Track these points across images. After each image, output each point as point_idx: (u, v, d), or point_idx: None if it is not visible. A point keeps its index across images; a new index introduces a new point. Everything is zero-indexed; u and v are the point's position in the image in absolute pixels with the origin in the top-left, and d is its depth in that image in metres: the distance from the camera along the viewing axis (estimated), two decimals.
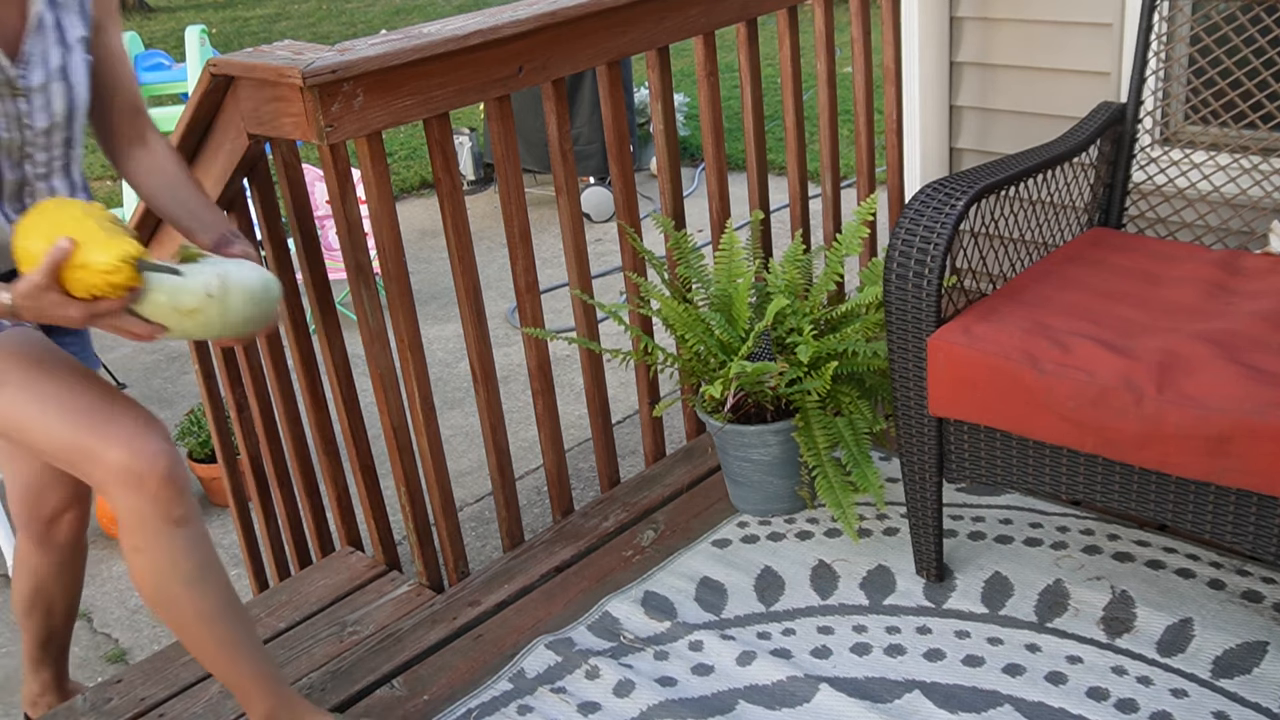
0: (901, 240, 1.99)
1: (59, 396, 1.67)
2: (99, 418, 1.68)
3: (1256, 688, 1.92)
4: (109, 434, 1.67)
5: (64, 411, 1.67)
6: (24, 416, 1.66)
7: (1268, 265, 2.15)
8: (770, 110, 6.16)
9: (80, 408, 1.68)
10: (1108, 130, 2.45)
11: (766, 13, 2.68)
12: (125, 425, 1.69)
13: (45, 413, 1.66)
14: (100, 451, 1.67)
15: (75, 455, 1.68)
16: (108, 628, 3.14)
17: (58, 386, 1.68)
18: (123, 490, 1.69)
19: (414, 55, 2.01)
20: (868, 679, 2.02)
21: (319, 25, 11.29)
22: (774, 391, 2.36)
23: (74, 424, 1.67)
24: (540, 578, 2.40)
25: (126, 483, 1.68)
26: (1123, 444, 1.82)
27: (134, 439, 1.68)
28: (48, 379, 1.68)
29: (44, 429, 1.67)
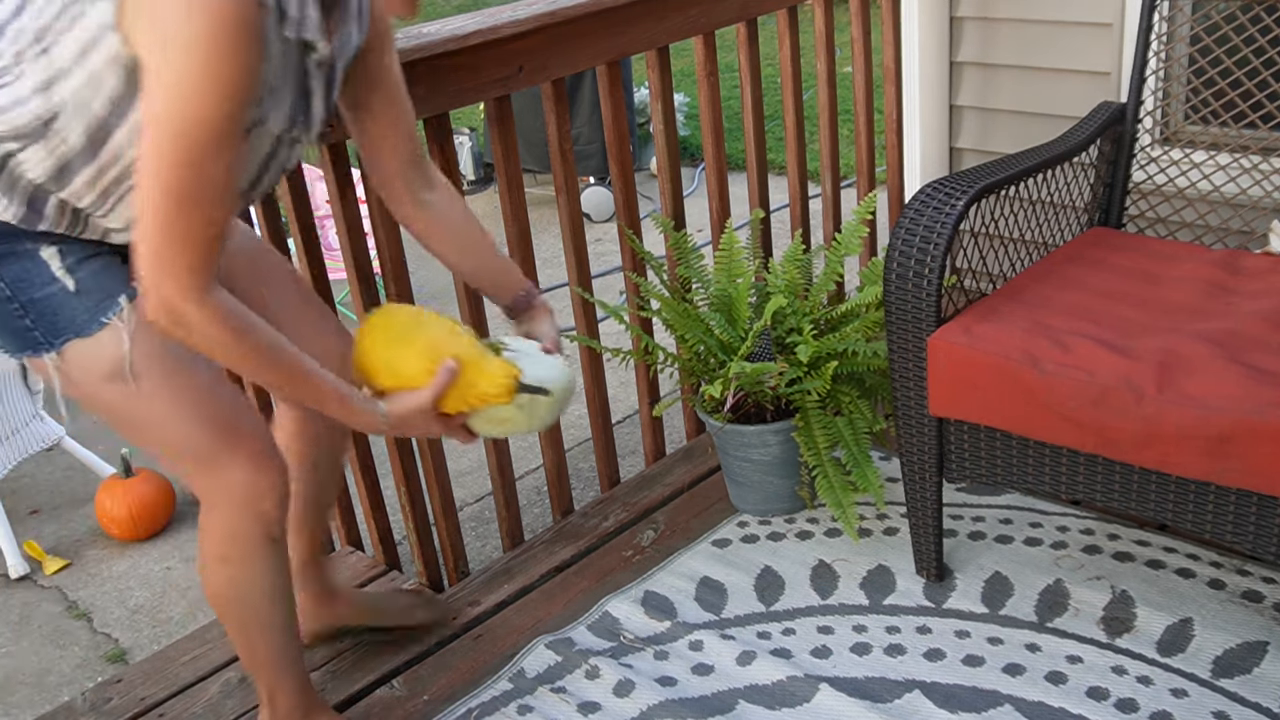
0: (901, 240, 1.99)
1: (195, 399, 1.64)
2: (229, 428, 1.67)
3: (1256, 688, 1.91)
4: (237, 447, 1.67)
5: (198, 416, 1.64)
6: (156, 413, 1.63)
7: (1268, 265, 2.15)
8: (770, 110, 6.15)
9: (213, 415, 1.66)
10: (1108, 130, 2.45)
11: (766, 13, 2.68)
12: (254, 441, 1.69)
13: (178, 414, 1.63)
14: (224, 463, 1.66)
15: (195, 459, 1.67)
16: (108, 628, 3.14)
17: (195, 390, 1.65)
18: (232, 504, 1.69)
19: (413, 55, 2.01)
20: (868, 679, 2.02)
21: None
22: (774, 391, 2.36)
23: (205, 430, 1.65)
24: (540, 578, 2.40)
25: (240, 498, 1.68)
26: (1123, 444, 1.82)
27: (259, 457, 1.68)
28: (186, 380, 1.64)
29: (174, 428, 1.64)
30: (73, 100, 1.42)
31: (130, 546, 3.52)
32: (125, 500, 3.49)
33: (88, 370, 1.59)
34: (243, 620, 1.80)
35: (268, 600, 1.80)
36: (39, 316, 1.55)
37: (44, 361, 1.59)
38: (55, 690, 2.92)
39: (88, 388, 1.62)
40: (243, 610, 1.79)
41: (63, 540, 3.59)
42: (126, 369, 1.58)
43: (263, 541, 1.73)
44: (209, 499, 1.71)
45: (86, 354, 1.58)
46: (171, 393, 1.63)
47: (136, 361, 1.58)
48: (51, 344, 1.57)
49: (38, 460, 3.92)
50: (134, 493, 3.50)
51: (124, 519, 3.49)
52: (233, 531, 1.71)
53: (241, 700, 2.13)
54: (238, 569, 1.74)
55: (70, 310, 1.56)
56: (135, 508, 3.49)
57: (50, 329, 1.56)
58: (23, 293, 1.54)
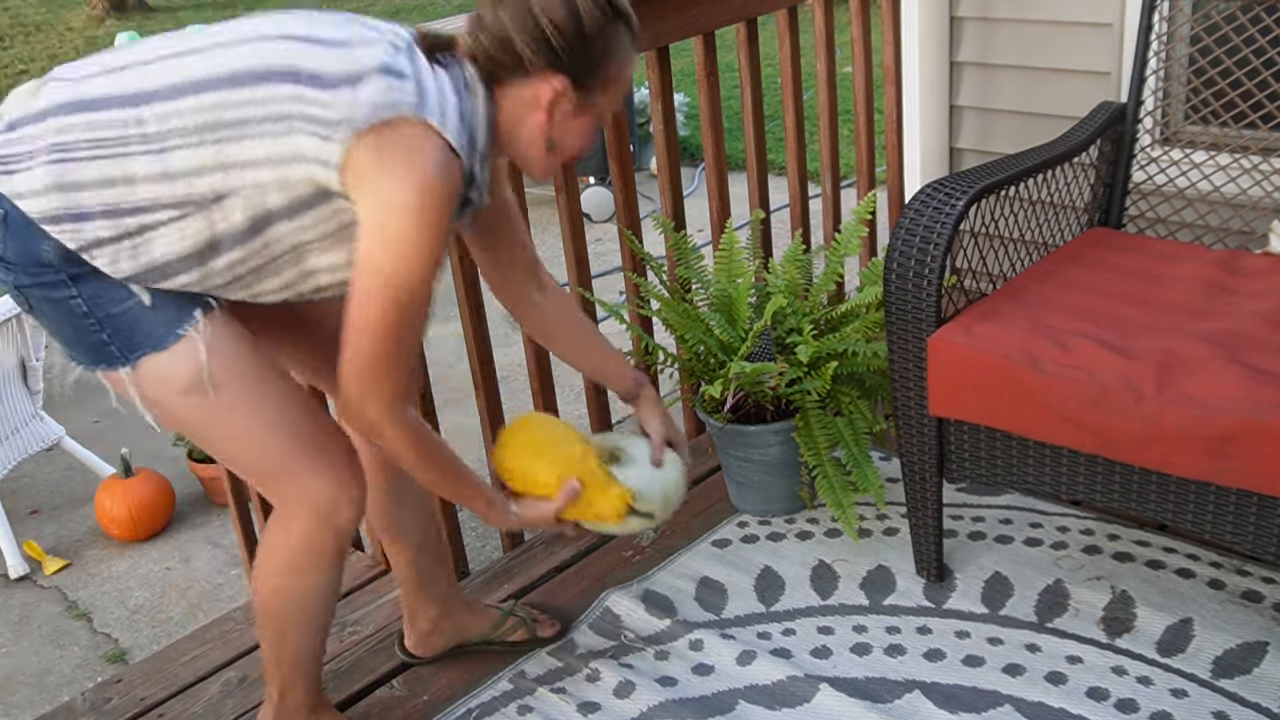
0: (901, 240, 1.99)
1: (277, 410, 1.66)
2: (311, 440, 1.68)
3: (1256, 688, 1.91)
4: (320, 461, 1.67)
5: (279, 427, 1.65)
6: (237, 424, 1.64)
7: (1268, 265, 2.15)
8: (770, 110, 6.15)
9: (295, 426, 1.67)
10: (1108, 130, 2.44)
11: (766, 13, 2.67)
12: (337, 455, 1.70)
13: (259, 424, 1.64)
14: (307, 477, 1.67)
15: (275, 473, 1.68)
16: (108, 628, 3.14)
17: (276, 401, 1.66)
18: (313, 518, 1.69)
19: None
20: (868, 679, 2.02)
21: None
22: (774, 391, 2.36)
23: (286, 441, 1.66)
24: (540, 578, 2.39)
25: (322, 512, 1.69)
26: (1123, 444, 1.82)
27: (343, 471, 1.69)
28: (266, 391, 1.65)
29: (254, 439, 1.65)
30: (252, 188, 1.50)
31: (130, 546, 3.52)
32: (125, 500, 3.49)
33: (164, 384, 1.60)
34: (291, 624, 1.80)
35: (323, 609, 1.81)
36: (115, 331, 1.56)
37: (119, 376, 1.59)
38: (55, 690, 2.92)
39: (164, 402, 1.62)
40: (298, 616, 1.80)
41: (63, 540, 3.59)
42: (206, 379, 1.59)
43: (336, 554, 1.75)
44: (286, 510, 1.71)
45: (162, 368, 1.58)
46: (251, 404, 1.64)
47: (215, 373, 1.60)
48: (127, 358, 1.57)
49: (38, 460, 3.92)
50: (134, 493, 3.50)
51: (124, 519, 3.49)
52: (309, 543, 1.71)
53: (241, 700, 2.13)
54: (310, 579, 1.75)
55: (147, 325, 1.56)
56: (135, 508, 3.49)
57: (126, 344, 1.57)
58: (99, 308, 1.54)
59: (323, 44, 1.51)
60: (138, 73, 1.51)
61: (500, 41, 1.56)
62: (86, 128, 1.49)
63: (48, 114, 1.51)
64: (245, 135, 1.48)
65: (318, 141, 1.46)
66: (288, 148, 1.47)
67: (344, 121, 1.46)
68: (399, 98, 1.47)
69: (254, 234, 1.53)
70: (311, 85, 1.47)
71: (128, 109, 1.49)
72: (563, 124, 1.62)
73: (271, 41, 1.51)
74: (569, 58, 1.56)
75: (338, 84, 1.47)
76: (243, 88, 1.48)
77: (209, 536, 3.54)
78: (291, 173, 1.49)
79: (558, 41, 1.55)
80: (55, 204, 1.49)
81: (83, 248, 1.51)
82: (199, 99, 1.48)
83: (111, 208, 1.49)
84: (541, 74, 1.57)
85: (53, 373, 4.52)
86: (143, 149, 1.48)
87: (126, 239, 1.51)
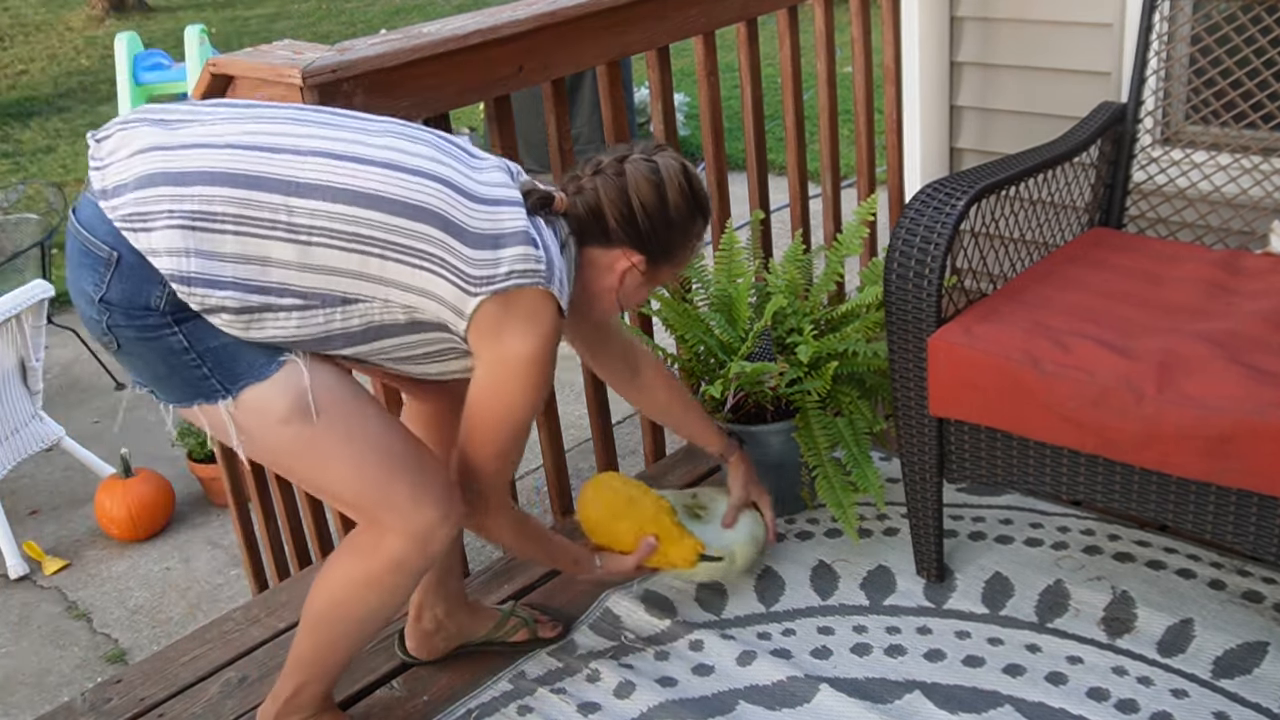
0: (902, 240, 1.99)
1: (375, 439, 1.68)
2: (410, 470, 1.70)
3: (1257, 688, 1.91)
4: (419, 489, 1.69)
5: (378, 456, 1.67)
6: (334, 454, 1.65)
7: (1268, 265, 2.15)
8: (770, 110, 6.14)
9: (394, 455, 1.69)
10: (1108, 130, 2.44)
11: (766, 13, 2.67)
12: (437, 483, 1.72)
13: (357, 454, 1.66)
14: (407, 505, 1.68)
15: (374, 501, 1.69)
16: (108, 628, 3.14)
17: (374, 429, 1.68)
18: (410, 544, 1.71)
19: (413, 55, 2.01)
20: (868, 679, 2.02)
21: (318, 25, 11.28)
22: (774, 392, 2.36)
23: (386, 471, 1.68)
24: (540, 578, 2.39)
25: (419, 540, 1.71)
26: (1123, 444, 1.82)
27: (443, 499, 1.72)
28: (364, 419, 1.68)
29: (352, 470, 1.66)
30: (381, 303, 1.59)
31: (130, 546, 3.52)
32: (125, 500, 3.49)
33: (264, 414, 1.61)
34: (342, 634, 1.81)
35: (380, 625, 1.83)
36: (216, 365, 1.57)
37: (218, 409, 1.60)
38: (55, 690, 2.92)
39: (262, 432, 1.63)
40: (357, 629, 1.81)
41: (62, 540, 3.59)
42: (310, 403, 1.61)
43: (417, 577, 1.77)
44: (384, 532, 1.71)
45: (264, 397, 1.60)
46: (350, 431, 1.66)
47: (318, 399, 1.62)
48: (228, 390, 1.59)
49: (38, 460, 3.92)
50: (134, 493, 3.50)
51: (124, 519, 3.49)
52: (398, 564, 1.72)
53: (241, 700, 2.13)
54: (383, 597, 1.76)
55: (248, 356, 1.58)
56: (135, 508, 3.49)
57: (228, 376, 1.58)
58: (199, 342, 1.56)
59: (471, 199, 1.61)
60: (289, 162, 1.55)
61: (592, 210, 1.75)
62: (239, 204, 1.52)
63: (192, 179, 1.53)
64: (389, 256, 1.56)
65: (457, 291, 1.58)
66: (427, 284, 1.58)
67: (485, 280, 1.58)
68: (535, 268, 1.61)
69: (365, 340, 1.63)
70: (459, 238, 1.58)
71: (277, 195, 1.53)
72: (629, 291, 1.82)
73: (425, 179, 1.59)
74: (650, 239, 1.77)
75: (483, 243, 1.59)
76: (395, 215, 1.56)
77: (209, 536, 3.54)
78: (423, 305, 1.60)
79: (644, 224, 1.75)
80: (194, 267, 1.52)
81: (207, 310, 1.54)
82: (351, 209, 1.54)
83: (243, 282, 1.54)
84: (622, 247, 1.76)
85: (52, 373, 4.52)
86: (288, 236, 1.53)
87: (247, 313, 1.55)
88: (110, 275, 1.53)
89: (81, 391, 4.46)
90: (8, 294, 3.41)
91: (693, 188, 1.78)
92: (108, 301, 1.54)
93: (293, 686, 1.87)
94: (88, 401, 4.37)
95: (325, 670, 1.87)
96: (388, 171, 1.57)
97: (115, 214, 1.52)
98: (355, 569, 1.75)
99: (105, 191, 1.54)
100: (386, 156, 1.59)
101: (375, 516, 1.71)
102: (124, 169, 1.55)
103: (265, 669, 2.19)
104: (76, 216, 1.57)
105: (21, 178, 7.05)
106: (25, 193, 5.45)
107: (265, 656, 2.24)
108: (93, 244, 1.53)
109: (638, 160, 1.77)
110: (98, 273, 1.54)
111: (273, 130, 1.59)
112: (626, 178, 1.75)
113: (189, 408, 1.62)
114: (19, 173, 7.26)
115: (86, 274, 1.55)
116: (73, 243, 1.57)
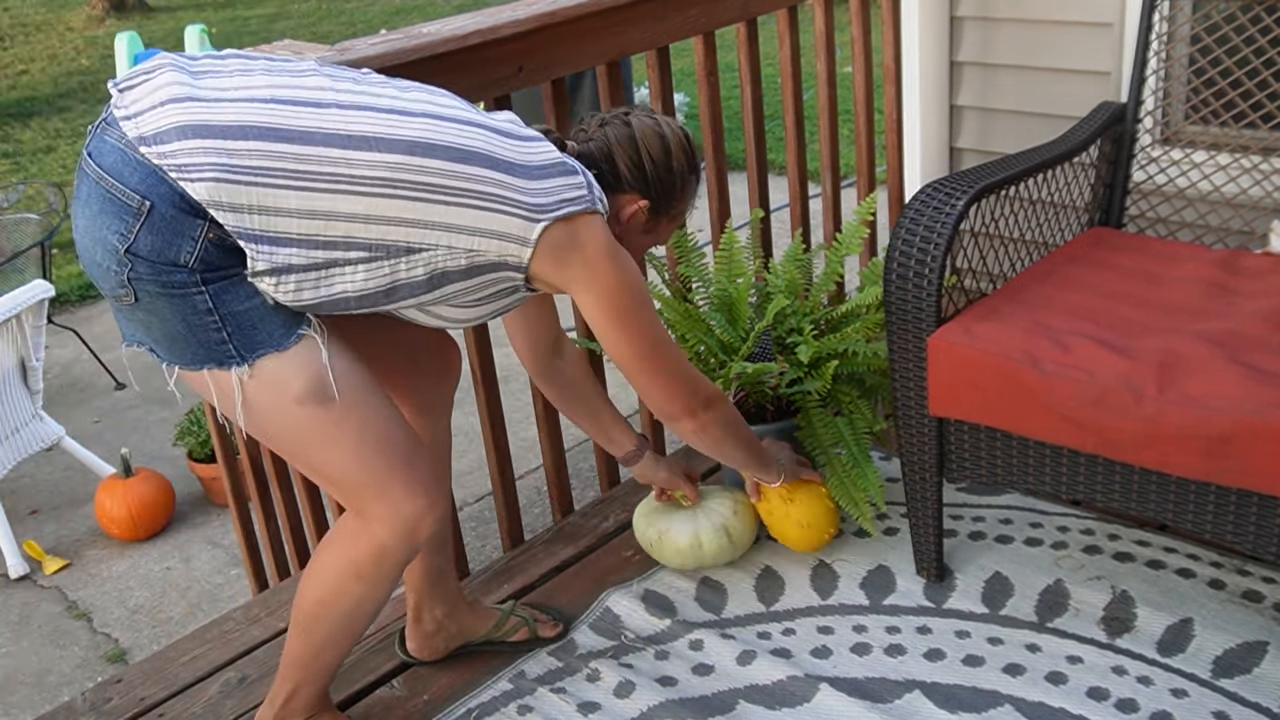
0: (902, 240, 1.99)
1: (383, 424, 1.68)
2: (406, 459, 1.70)
3: (1256, 688, 1.91)
4: (412, 478, 1.70)
5: (380, 443, 1.67)
6: (345, 435, 1.65)
7: (1268, 265, 2.15)
8: (770, 110, 6.14)
9: (396, 441, 1.69)
10: (1108, 130, 2.44)
11: (766, 13, 2.67)
12: (427, 473, 1.72)
13: (362, 440, 1.66)
14: (399, 493, 1.69)
15: (367, 486, 1.69)
16: (108, 628, 3.14)
17: (382, 416, 1.69)
18: (394, 533, 1.71)
19: (413, 55, 2.01)
20: (868, 679, 2.02)
21: (318, 25, 11.28)
22: (774, 391, 2.36)
23: (385, 458, 1.68)
24: (540, 578, 2.39)
25: (404, 528, 1.71)
26: (1123, 444, 1.82)
27: (431, 492, 1.72)
28: (375, 404, 1.68)
29: (354, 454, 1.66)
30: (445, 249, 1.60)
31: (130, 546, 3.52)
32: (125, 500, 3.49)
33: (280, 390, 1.61)
34: (332, 630, 1.81)
35: (366, 621, 1.83)
36: (237, 329, 1.56)
37: (229, 375, 1.59)
38: (55, 690, 2.92)
39: (274, 408, 1.63)
40: (342, 623, 1.81)
41: (63, 540, 3.59)
42: (330, 381, 1.61)
43: (400, 569, 1.77)
44: (368, 520, 1.72)
45: (281, 371, 1.60)
46: (362, 416, 1.66)
47: (331, 383, 1.62)
48: (245, 358, 1.58)
49: (38, 460, 3.92)
50: (134, 493, 3.50)
51: (124, 519, 3.49)
52: (382, 554, 1.73)
53: (241, 700, 2.13)
54: (368, 588, 1.76)
55: (270, 324, 1.58)
56: (135, 508, 3.49)
57: (247, 343, 1.57)
58: (223, 305, 1.55)
59: (509, 136, 1.66)
60: (338, 116, 1.56)
61: (605, 155, 1.81)
62: (294, 159, 1.51)
63: (241, 134, 1.51)
64: (451, 201, 1.58)
65: (522, 223, 1.62)
66: (491, 223, 1.60)
67: (543, 208, 1.63)
68: (582, 194, 1.68)
69: (429, 289, 1.64)
70: (509, 173, 1.62)
71: (335, 149, 1.53)
72: (631, 238, 1.86)
73: (465, 125, 1.62)
74: (655, 186, 1.84)
75: (532, 174, 1.64)
76: (450, 161, 1.58)
77: (209, 536, 3.54)
78: (486, 245, 1.62)
79: (651, 171, 1.83)
80: (258, 225, 1.51)
81: (275, 269, 1.54)
82: (409, 159, 1.56)
83: (309, 239, 1.54)
84: (631, 192, 1.83)
85: (52, 373, 4.53)
86: (349, 189, 1.53)
87: (314, 270, 1.56)
88: (140, 226, 1.49)
89: (81, 391, 4.46)
90: (8, 294, 3.41)
91: (689, 146, 1.88)
92: (134, 253, 1.50)
93: (288, 689, 1.87)
94: (88, 401, 4.37)
95: (318, 670, 1.86)
96: (430, 120, 1.59)
97: (166, 160, 1.48)
98: (340, 560, 1.76)
99: (144, 139, 1.49)
100: (423, 108, 1.61)
101: (366, 503, 1.71)
102: (159, 116, 1.51)
103: (265, 669, 2.19)
104: (98, 163, 1.52)
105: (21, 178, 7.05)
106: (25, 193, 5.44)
107: (265, 656, 2.24)
108: (120, 191, 1.49)
109: (641, 115, 1.86)
110: (124, 221, 1.49)
111: (311, 85, 1.58)
112: (634, 128, 1.83)
113: (197, 371, 1.59)
114: (19, 173, 7.26)
115: (110, 222, 1.50)
116: (93, 189, 1.52)
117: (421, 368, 1.98)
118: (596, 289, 1.70)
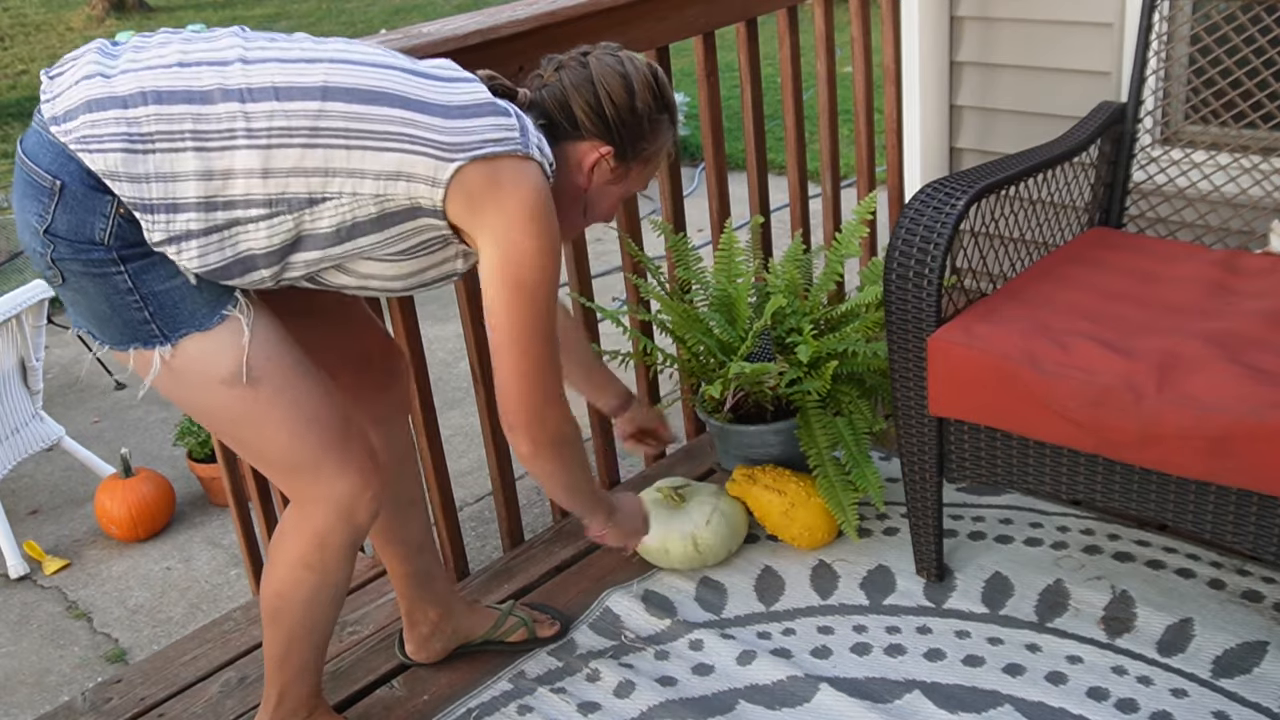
0: (901, 240, 1.99)
1: (314, 405, 1.66)
2: (341, 437, 1.68)
3: (1256, 688, 1.91)
4: (346, 458, 1.68)
5: (312, 424, 1.66)
6: (272, 417, 1.64)
7: (1268, 265, 2.15)
8: (770, 110, 6.14)
9: (327, 422, 1.67)
10: (1108, 130, 2.44)
11: (766, 13, 2.67)
12: (361, 453, 1.71)
13: (293, 421, 1.65)
14: (333, 473, 1.68)
15: (302, 468, 1.68)
16: (108, 628, 3.14)
17: (313, 396, 1.66)
18: (331, 513, 1.70)
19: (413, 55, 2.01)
20: (868, 679, 2.02)
21: (318, 25, 11.29)
22: (774, 391, 2.36)
23: (318, 436, 1.66)
24: (540, 578, 2.39)
25: (341, 509, 1.70)
26: (1123, 444, 1.82)
27: (365, 470, 1.70)
28: (304, 386, 1.66)
29: (286, 433, 1.65)
30: (350, 197, 1.53)
31: (130, 546, 3.52)
32: (125, 500, 3.49)
33: (206, 371, 1.59)
34: (295, 623, 1.81)
35: (329, 609, 1.82)
36: (159, 309, 1.55)
37: (151, 355, 1.58)
38: (55, 690, 2.92)
39: (202, 388, 1.61)
40: (303, 614, 1.80)
41: (63, 540, 3.59)
42: (245, 367, 1.59)
43: (349, 551, 1.76)
44: (305, 505, 1.71)
45: (206, 351, 1.58)
46: (291, 397, 1.64)
47: (256, 365, 1.60)
48: (168, 338, 1.56)
49: (38, 460, 3.92)
50: (134, 493, 3.50)
51: (124, 519, 3.49)
52: (324, 539, 1.72)
53: (241, 700, 2.13)
54: (318, 575, 1.76)
55: (191, 304, 1.56)
56: (135, 508, 3.49)
57: (169, 322, 1.56)
58: (144, 285, 1.53)
59: (427, 78, 1.58)
60: (240, 71, 1.52)
61: (560, 103, 1.69)
62: (193, 119, 1.49)
63: (140, 100, 1.49)
64: (353, 145, 1.52)
65: (432, 162, 1.53)
66: (397, 164, 1.53)
67: (459, 146, 1.53)
68: (509, 135, 1.57)
69: (337, 241, 1.57)
70: (422, 112, 1.54)
71: (233, 104, 1.50)
72: (598, 189, 1.75)
73: (377, 68, 1.56)
74: (618, 130, 1.71)
75: (450, 113, 1.55)
76: (352, 103, 1.52)
77: (209, 536, 3.54)
78: (393, 189, 1.54)
79: (611, 114, 1.69)
80: (155, 193, 1.49)
81: (173, 238, 1.51)
82: (306, 104, 1.51)
83: (205, 200, 1.51)
84: (591, 139, 1.70)
85: (52, 373, 4.53)
86: (247, 143, 1.50)
87: (215, 233, 1.52)
88: (54, 205, 1.49)
89: (81, 391, 4.46)
90: (8, 294, 3.41)
91: (658, 83, 1.75)
92: (53, 233, 1.50)
93: (276, 692, 1.87)
94: (88, 401, 4.37)
95: (299, 669, 1.86)
96: (337, 65, 1.55)
97: (69, 137, 1.48)
98: (289, 552, 1.75)
99: (55, 118, 1.50)
100: (334, 55, 1.56)
101: (302, 487, 1.70)
102: (70, 96, 1.51)
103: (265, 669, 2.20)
104: (22, 147, 1.53)
105: None
106: None
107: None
108: (36, 173, 1.50)
109: (601, 54, 1.73)
110: (41, 203, 1.50)
111: (220, 46, 1.56)
112: (591, 69, 1.71)
113: (124, 351, 1.59)
114: None
115: (30, 204, 1.51)
116: (18, 174, 1.54)
117: (365, 380, 1.96)
118: (504, 245, 1.57)
